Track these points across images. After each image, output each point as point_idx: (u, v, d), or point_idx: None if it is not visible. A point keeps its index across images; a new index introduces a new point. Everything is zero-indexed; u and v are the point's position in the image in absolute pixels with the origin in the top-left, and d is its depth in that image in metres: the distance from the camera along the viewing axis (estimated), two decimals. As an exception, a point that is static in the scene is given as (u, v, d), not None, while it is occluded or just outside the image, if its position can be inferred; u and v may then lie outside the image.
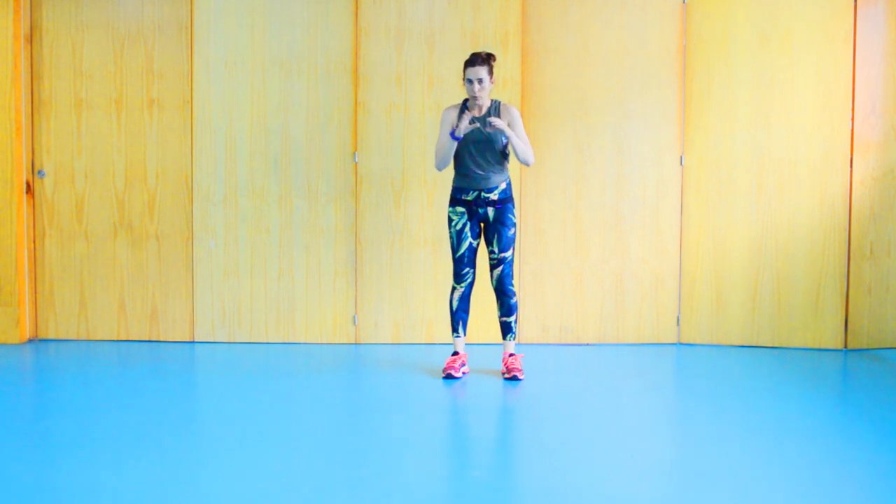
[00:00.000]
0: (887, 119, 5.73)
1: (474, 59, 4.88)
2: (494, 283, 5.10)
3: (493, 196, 4.98)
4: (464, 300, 5.11)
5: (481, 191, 4.97)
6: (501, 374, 5.11)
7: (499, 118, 4.89)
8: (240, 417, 4.32)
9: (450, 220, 5.07)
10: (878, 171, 5.75)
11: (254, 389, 4.83)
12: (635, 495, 3.33)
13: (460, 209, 5.03)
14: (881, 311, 5.81)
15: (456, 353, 5.13)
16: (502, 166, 5.00)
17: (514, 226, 5.04)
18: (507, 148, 5.00)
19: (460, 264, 5.07)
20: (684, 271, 5.93)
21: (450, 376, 5.04)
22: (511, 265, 5.06)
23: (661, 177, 5.89)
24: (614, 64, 5.86)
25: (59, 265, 5.99)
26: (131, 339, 6.01)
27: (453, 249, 5.07)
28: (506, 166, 5.03)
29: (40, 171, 5.96)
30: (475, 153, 4.95)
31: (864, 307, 5.80)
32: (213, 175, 5.90)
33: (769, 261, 5.83)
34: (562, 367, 5.40)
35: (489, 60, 4.89)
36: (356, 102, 5.86)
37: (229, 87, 5.88)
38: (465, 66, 4.92)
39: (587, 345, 5.95)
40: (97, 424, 4.14)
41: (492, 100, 4.98)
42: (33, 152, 5.96)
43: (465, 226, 5.02)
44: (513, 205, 5.04)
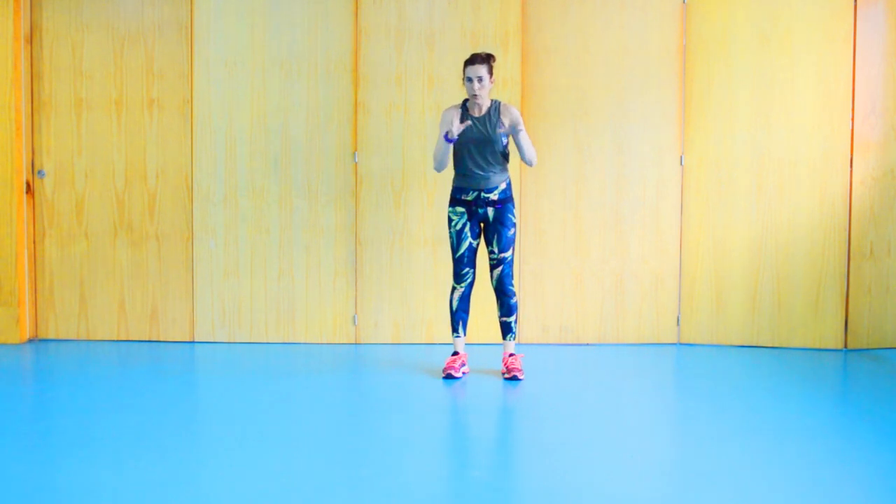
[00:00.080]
0: (887, 119, 5.73)
1: (474, 58, 4.90)
2: (494, 283, 5.10)
3: (493, 196, 4.98)
4: (464, 300, 5.12)
5: (481, 191, 4.98)
6: (501, 374, 5.11)
7: (499, 119, 4.90)
8: (240, 417, 4.32)
9: (450, 221, 5.07)
10: (878, 171, 5.75)
11: (254, 389, 4.83)
12: (635, 495, 3.33)
13: (460, 209, 5.03)
14: (881, 311, 5.81)
15: (456, 353, 5.13)
16: (502, 166, 5.01)
17: (514, 226, 5.04)
18: (507, 148, 5.00)
19: (460, 264, 5.07)
20: (684, 271, 5.93)
21: (450, 376, 5.04)
22: (511, 265, 5.06)
23: (661, 177, 5.89)
24: (614, 64, 5.86)
25: (59, 265, 5.99)
26: (131, 339, 6.01)
27: (453, 249, 5.07)
28: (506, 166, 5.03)
29: (40, 171, 5.96)
30: (475, 153, 4.95)
31: (864, 307, 5.80)
32: (213, 175, 5.90)
33: (769, 261, 5.83)
34: (562, 367, 5.40)
35: (489, 60, 4.91)
36: (356, 102, 5.86)
37: (229, 87, 5.88)
38: (464, 65, 4.93)
39: (587, 345, 5.95)
40: (97, 424, 4.14)
41: (492, 100, 4.99)
42: (33, 152, 5.96)
43: (464, 226, 5.02)
44: (513, 205, 5.04)
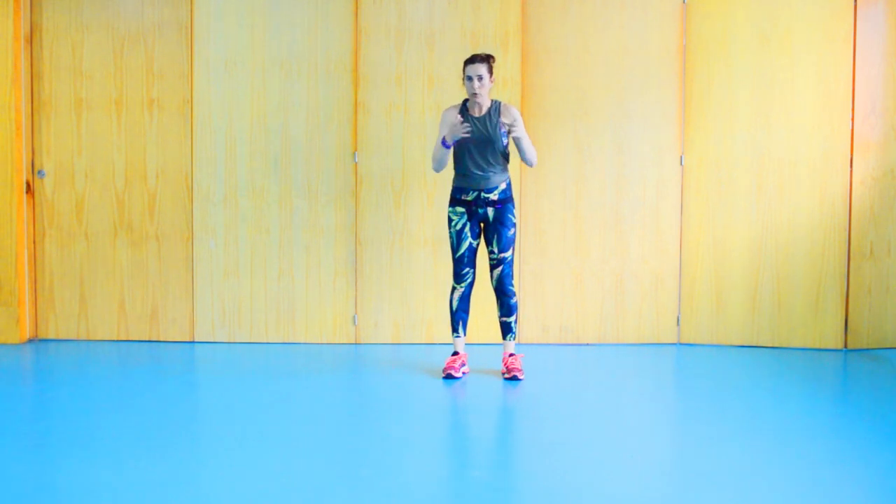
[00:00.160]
0: (887, 119, 5.73)
1: (474, 58, 4.91)
2: (494, 283, 5.10)
3: (493, 196, 4.98)
4: (464, 300, 5.12)
5: (481, 191, 4.98)
6: (501, 374, 5.11)
7: (499, 119, 4.91)
8: (240, 417, 4.32)
9: (450, 221, 5.07)
10: (878, 171, 5.75)
11: (254, 389, 4.83)
12: (635, 495, 3.33)
13: (460, 209, 5.03)
14: (881, 311, 5.81)
15: (456, 353, 5.13)
16: (502, 166, 5.01)
17: (514, 226, 5.04)
18: (507, 148, 5.01)
19: (460, 264, 5.07)
20: (684, 271, 5.93)
21: (450, 376, 5.04)
22: (511, 265, 5.07)
23: (661, 177, 5.89)
24: (614, 64, 5.86)
25: (59, 265, 5.99)
26: (131, 339, 6.01)
27: (453, 249, 5.07)
28: (506, 166, 5.03)
29: (40, 171, 5.96)
30: (475, 153, 4.95)
31: (864, 307, 5.80)
32: (213, 175, 5.90)
33: (769, 261, 5.83)
34: (562, 367, 5.40)
35: (489, 60, 4.93)
36: (356, 102, 5.86)
37: (229, 87, 5.88)
38: (464, 64, 4.94)
39: (587, 345, 5.95)
40: (97, 424, 4.14)
41: (492, 100, 4.99)
42: (33, 152, 5.96)
43: (464, 226, 5.03)
44: (513, 205, 5.04)
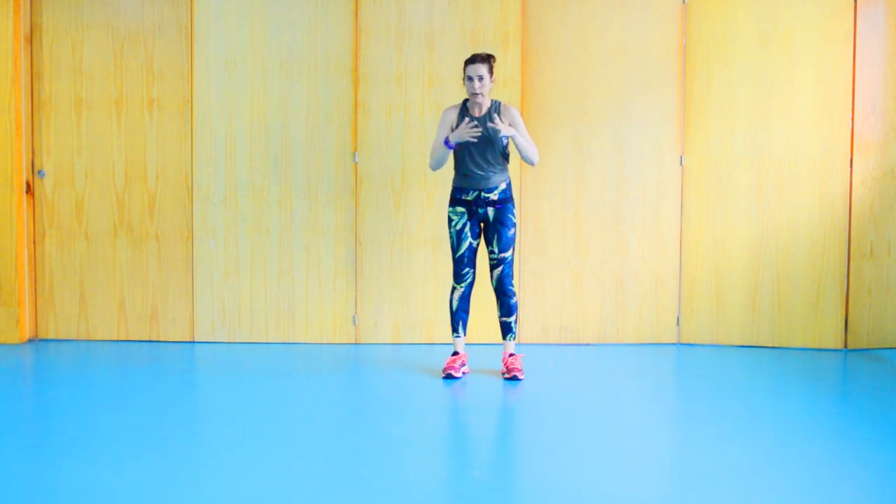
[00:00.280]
0: (887, 119, 5.73)
1: (475, 58, 4.92)
2: (494, 283, 5.10)
3: (493, 196, 4.98)
4: (464, 300, 5.12)
5: (481, 191, 4.98)
6: (501, 374, 5.11)
7: (500, 119, 4.90)
8: (240, 417, 4.32)
9: (450, 220, 5.07)
10: (878, 171, 5.74)
11: (254, 389, 4.83)
12: (635, 495, 3.33)
13: (460, 209, 5.03)
14: (881, 311, 5.81)
15: (456, 353, 5.13)
16: (502, 166, 5.01)
17: (514, 226, 5.04)
18: (507, 148, 5.01)
19: (460, 264, 5.07)
20: (684, 271, 5.93)
21: (450, 376, 5.04)
22: (511, 265, 5.06)
23: (661, 177, 5.89)
24: (614, 64, 5.86)
25: (59, 265, 5.99)
26: (131, 339, 6.01)
27: (453, 249, 5.07)
28: (506, 166, 5.03)
29: (40, 171, 5.96)
30: (475, 153, 4.95)
31: (864, 307, 5.80)
32: (213, 175, 5.90)
33: (769, 261, 5.83)
34: (562, 367, 5.40)
35: (489, 59, 4.93)
36: (356, 102, 5.86)
37: (229, 87, 5.88)
38: (465, 64, 4.94)
39: (587, 345, 5.95)
40: (97, 424, 4.14)
41: (492, 100, 4.99)
42: (33, 152, 5.96)
43: (465, 226, 5.03)
44: (513, 205, 5.04)
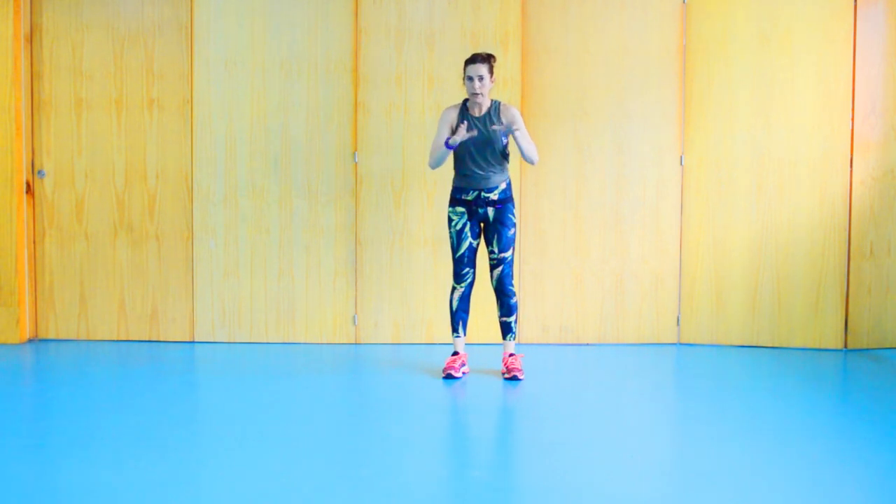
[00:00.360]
0: (887, 119, 5.73)
1: (475, 58, 4.91)
2: (494, 283, 5.10)
3: (493, 196, 4.98)
4: (464, 300, 5.12)
5: (481, 191, 4.98)
6: (501, 374, 5.11)
7: (499, 119, 4.91)
8: (240, 417, 4.32)
9: (450, 220, 5.07)
10: (878, 171, 5.74)
11: (254, 389, 4.83)
12: (635, 495, 3.33)
13: (460, 209, 5.03)
14: (881, 311, 5.81)
15: (456, 353, 5.13)
16: (502, 166, 5.01)
17: (514, 226, 5.04)
18: (507, 148, 5.01)
19: (460, 264, 5.07)
20: (684, 271, 5.93)
21: (450, 376, 5.04)
22: (511, 265, 5.06)
23: (661, 177, 5.89)
24: (614, 64, 5.86)
25: (59, 265, 5.99)
26: (131, 339, 6.01)
27: (453, 249, 5.07)
28: (506, 166, 5.03)
29: (40, 171, 5.96)
30: (475, 153, 4.95)
31: (864, 307, 5.80)
32: (213, 175, 5.90)
33: (769, 261, 5.83)
34: (562, 367, 5.40)
35: (489, 59, 4.93)
36: (356, 102, 5.86)
37: (229, 87, 5.88)
38: (465, 64, 4.94)
39: (587, 345, 5.95)
40: (97, 424, 4.14)
41: (492, 100, 4.99)
42: (33, 152, 5.96)
43: (465, 226, 5.03)
44: (513, 205, 5.04)
